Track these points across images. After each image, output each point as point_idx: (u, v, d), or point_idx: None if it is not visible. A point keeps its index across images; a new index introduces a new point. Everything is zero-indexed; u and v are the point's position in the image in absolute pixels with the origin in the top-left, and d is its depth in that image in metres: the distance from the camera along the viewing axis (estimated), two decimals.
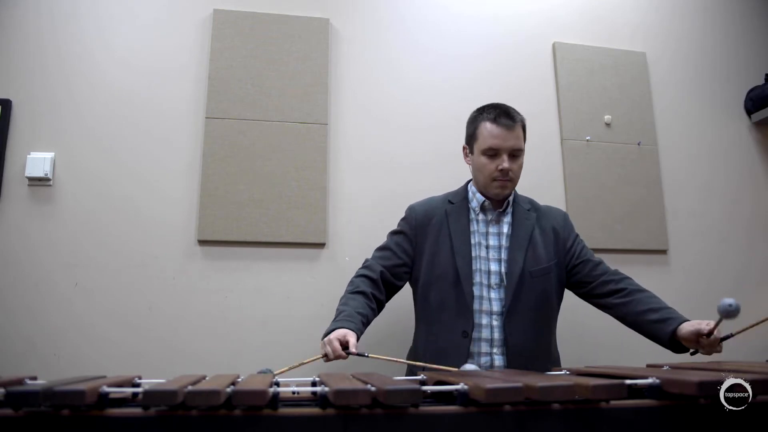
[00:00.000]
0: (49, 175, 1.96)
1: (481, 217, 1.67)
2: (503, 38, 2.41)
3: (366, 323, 1.53)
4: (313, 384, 0.99)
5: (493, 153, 1.60)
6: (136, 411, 0.81)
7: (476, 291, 1.60)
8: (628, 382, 0.91)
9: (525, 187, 2.26)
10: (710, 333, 1.33)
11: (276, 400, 0.85)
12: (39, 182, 1.97)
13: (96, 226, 1.98)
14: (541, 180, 2.30)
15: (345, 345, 1.38)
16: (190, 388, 0.81)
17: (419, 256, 1.67)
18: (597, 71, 2.42)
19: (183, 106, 2.11)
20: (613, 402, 0.89)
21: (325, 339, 1.40)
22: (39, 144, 2.00)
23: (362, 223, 2.12)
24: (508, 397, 0.86)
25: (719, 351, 1.36)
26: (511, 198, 1.68)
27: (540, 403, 0.87)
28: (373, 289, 1.61)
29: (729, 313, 1.20)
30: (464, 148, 1.73)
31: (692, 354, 1.45)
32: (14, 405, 0.79)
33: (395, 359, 1.48)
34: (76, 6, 2.11)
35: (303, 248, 2.07)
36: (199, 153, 2.08)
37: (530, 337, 1.60)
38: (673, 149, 2.45)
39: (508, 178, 1.61)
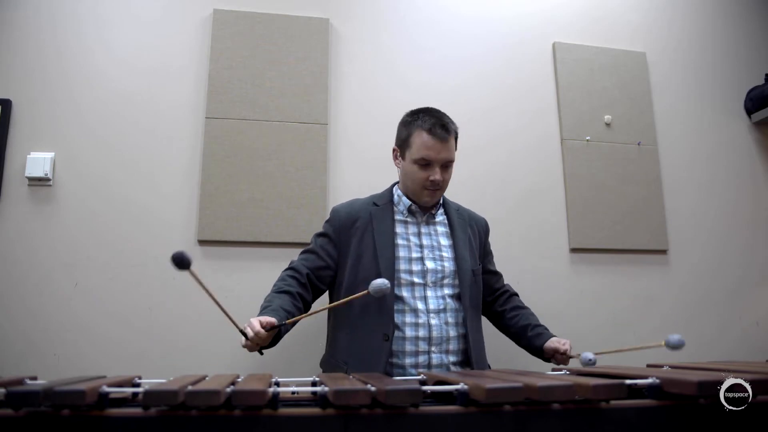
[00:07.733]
0: (49, 175, 1.96)
1: (410, 219, 1.68)
2: (503, 38, 2.41)
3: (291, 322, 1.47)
4: (313, 384, 0.99)
5: (425, 163, 1.59)
6: (136, 411, 0.81)
7: (406, 292, 1.58)
8: (628, 382, 0.91)
9: (525, 187, 2.29)
10: (565, 353, 1.60)
11: (276, 400, 0.84)
12: (39, 182, 1.97)
13: (96, 226, 1.98)
14: (541, 180, 2.30)
15: (265, 326, 1.33)
16: (190, 388, 0.81)
17: (343, 259, 1.65)
18: (597, 71, 2.42)
19: (183, 106, 2.11)
20: (613, 402, 0.89)
21: (247, 322, 1.34)
22: (39, 144, 2.00)
23: None
24: (508, 397, 0.86)
25: (566, 364, 1.62)
26: (441, 201, 1.71)
27: (540, 403, 0.87)
28: (299, 288, 1.58)
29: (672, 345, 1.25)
30: (394, 150, 1.71)
31: (548, 362, 1.70)
32: (14, 405, 0.79)
33: (315, 311, 1.48)
34: (76, 6, 2.11)
35: (303, 248, 2.06)
36: (199, 153, 2.08)
37: (476, 334, 1.64)
38: (673, 149, 2.45)
39: (439, 188, 1.62)
